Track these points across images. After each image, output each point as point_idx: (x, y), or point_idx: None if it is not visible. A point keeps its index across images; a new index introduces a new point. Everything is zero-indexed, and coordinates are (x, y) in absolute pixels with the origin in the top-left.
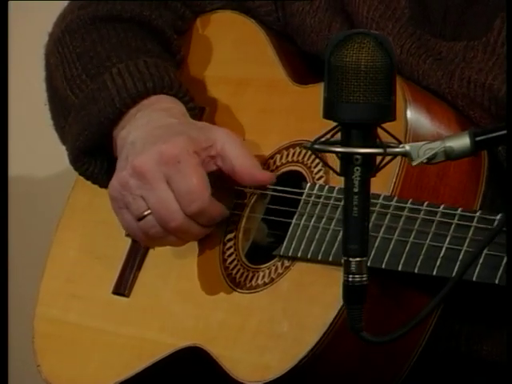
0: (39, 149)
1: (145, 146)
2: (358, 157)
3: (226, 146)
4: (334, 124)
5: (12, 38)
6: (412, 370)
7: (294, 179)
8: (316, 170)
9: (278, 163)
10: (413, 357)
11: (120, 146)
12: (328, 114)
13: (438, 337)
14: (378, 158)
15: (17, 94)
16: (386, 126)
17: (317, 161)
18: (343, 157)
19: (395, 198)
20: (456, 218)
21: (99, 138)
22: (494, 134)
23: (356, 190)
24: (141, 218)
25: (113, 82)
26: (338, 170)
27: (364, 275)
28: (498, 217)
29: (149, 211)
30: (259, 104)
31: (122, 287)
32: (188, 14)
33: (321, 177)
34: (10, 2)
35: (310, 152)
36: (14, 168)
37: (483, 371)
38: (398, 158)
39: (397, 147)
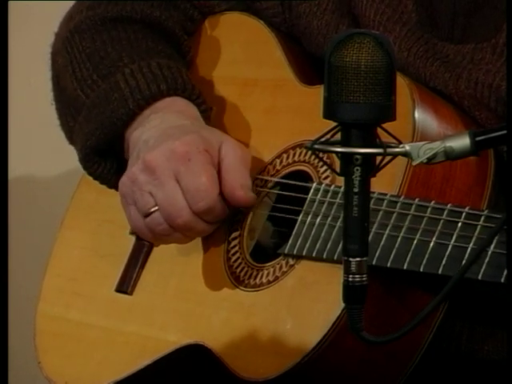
0: (40, 148)
1: (156, 142)
2: (358, 157)
3: (226, 158)
4: (336, 124)
5: (12, 38)
6: (413, 370)
7: (300, 179)
8: (322, 170)
9: (284, 163)
10: (416, 357)
11: (132, 145)
12: (328, 113)
13: (439, 337)
14: (378, 158)
15: (17, 94)
16: (392, 125)
17: None
18: (343, 157)
19: (402, 197)
20: (463, 216)
21: (111, 138)
22: (494, 134)
23: (356, 189)
24: (148, 215)
25: (126, 82)
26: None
27: (364, 275)
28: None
29: (156, 208)
30: (266, 104)
31: (125, 285)
32: (197, 15)
33: (327, 176)
34: (9, 2)
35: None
36: (14, 168)
37: (484, 371)
38: (405, 159)
39: (397, 147)
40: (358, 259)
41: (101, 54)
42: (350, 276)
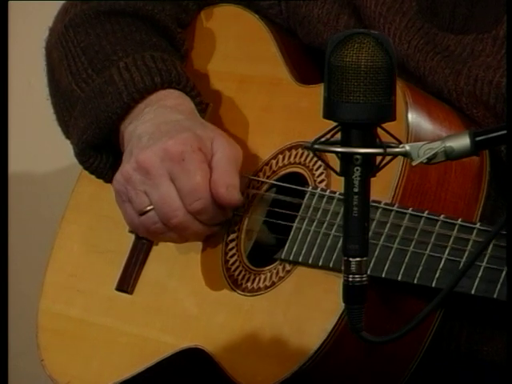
0: (40, 148)
1: (150, 140)
2: (357, 157)
3: (216, 154)
4: (336, 124)
5: (12, 38)
6: (412, 371)
7: (296, 181)
8: (318, 173)
9: (280, 164)
10: (413, 362)
11: (127, 140)
12: (328, 113)
13: (438, 338)
14: (378, 158)
15: (17, 94)
16: (387, 128)
17: (318, 163)
18: (343, 157)
19: (396, 205)
20: (455, 229)
21: (106, 132)
22: (494, 134)
23: (356, 190)
24: (143, 213)
25: (120, 76)
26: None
27: (364, 275)
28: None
29: (151, 207)
30: (262, 103)
31: (125, 284)
32: (192, 6)
33: (322, 180)
34: (10, 2)
35: (311, 154)
36: (15, 166)
37: (483, 372)
38: (399, 164)
39: (397, 147)
40: (357, 259)
41: (95, 48)
42: (350, 276)
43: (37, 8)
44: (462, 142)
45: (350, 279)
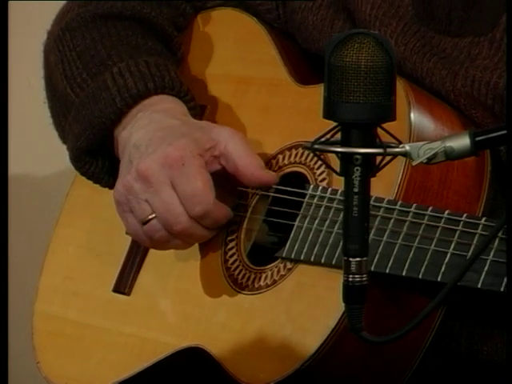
0: (40, 148)
1: (148, 148)
2: (357, 157)
3: (229, 145)
4: (335, 124)
5: (12, 38)
6: (412, 371)
7: (297, 181)
8: (319, 172)
9: (280, 164)
10: (415, 361)
11: (122, 147)
12: (328, 113)
13: (438, 337)
14: (378, 158)
15: (17, 94)
16: (389, 127)
17: (319, 162)
18: (343, 157)
19: (399, 202)
20: (461, 224)
21: (100, 138)
22: (494, 134)
23: (356, 190)
24: (145, 222)
25: (113, 81)
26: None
27: (364, 275)
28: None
29: (153, 215)
30: (261, 103)
31: (123, 285)
32: (189, 10)
33: (323, 179)
34: (10, 2)
35: (312, 153)
36: (14, 167)
37: (483, 372)
38: (402, 163)
39: (397, 147)
40: (357, 259)
41: (90, 52)
42: (350, 276)
43: (37, 8)
44: (462, 141)
45: (350, 279)
